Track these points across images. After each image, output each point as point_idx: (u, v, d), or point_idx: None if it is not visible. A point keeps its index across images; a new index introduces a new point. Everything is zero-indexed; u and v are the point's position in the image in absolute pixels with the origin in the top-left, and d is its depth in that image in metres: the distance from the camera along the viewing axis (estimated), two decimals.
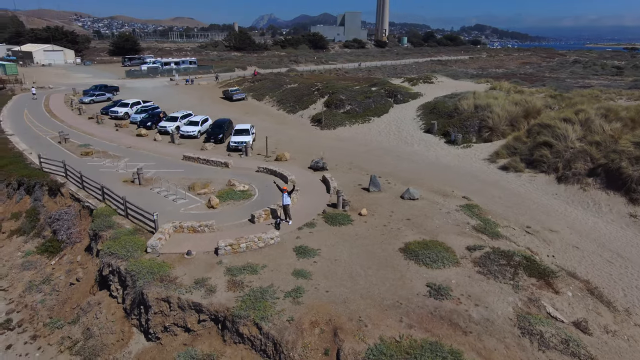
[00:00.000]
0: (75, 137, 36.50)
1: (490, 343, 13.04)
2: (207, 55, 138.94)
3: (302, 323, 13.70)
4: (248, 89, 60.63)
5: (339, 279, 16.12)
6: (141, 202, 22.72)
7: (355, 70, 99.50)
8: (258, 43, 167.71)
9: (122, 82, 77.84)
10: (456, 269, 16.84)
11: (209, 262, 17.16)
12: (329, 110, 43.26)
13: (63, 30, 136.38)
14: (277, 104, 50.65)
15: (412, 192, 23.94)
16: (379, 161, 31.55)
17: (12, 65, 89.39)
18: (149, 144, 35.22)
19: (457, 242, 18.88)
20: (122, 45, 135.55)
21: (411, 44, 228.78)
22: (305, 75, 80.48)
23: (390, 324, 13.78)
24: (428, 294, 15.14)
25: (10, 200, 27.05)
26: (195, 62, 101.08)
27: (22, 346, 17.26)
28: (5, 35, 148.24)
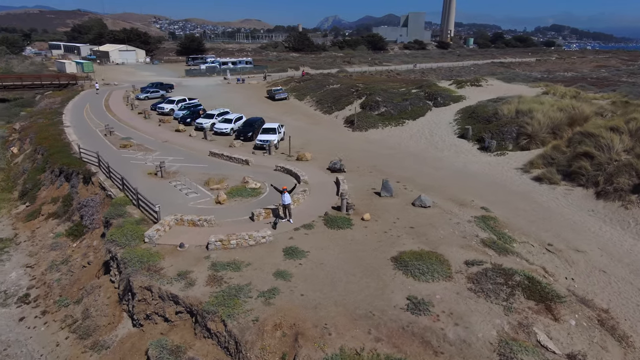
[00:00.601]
0: (120, 131, 39.22)
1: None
2: (267, 55, 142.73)
3: (266, 325, 13.57)
4: (292, 88, 61.42)
5: (319, 283, 15.77)
6: (157, 194, 23.89)
7: (408, 71, 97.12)
8: (317, 44, 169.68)
9: (180, 80, 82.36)
10: (446, 284, 15.77)
11: (198, 256, 17.58)
12: (364, 112, 42.58)
13: (137, 32, 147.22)
14: (315, 104, 50.81)
15: (423, 200, 22.82)
16: (401, 165, 30.47)
17: (89, 64, 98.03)
18: (184, 139, 36.90)
19: (456, 255, 17.68)
20: (188, 45, 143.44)
21: (477, 45, 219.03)
22: (354, 76, 79.98)
23: (356, 335, 13.22)
24: (405, 307, 14.33)
25: (52, 185, 29.67)
26: (251, 62, 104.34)
27: (32, 320, 18.83)
28: (90, 37, 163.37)
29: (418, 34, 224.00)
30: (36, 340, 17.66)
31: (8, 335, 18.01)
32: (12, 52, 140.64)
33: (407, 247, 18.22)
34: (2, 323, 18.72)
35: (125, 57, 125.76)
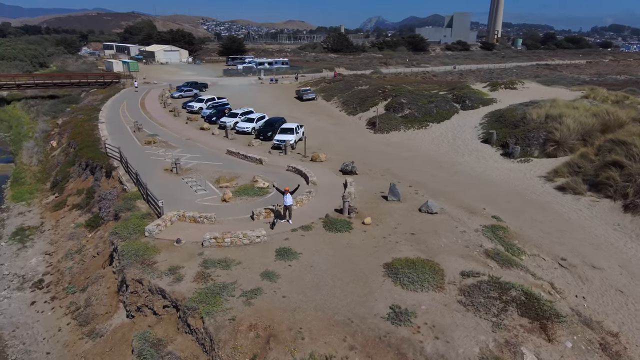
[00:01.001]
0: (149, 127, 40.80)
1: None
2: (305, 56, 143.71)
3: (241, 324, 13.58)
4: (322, 89, 61.42)
5: (304, 286, 15.59)
6: (168, 189, 24.65)
7: (445, 73, 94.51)
8: (355, 45, 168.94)
9: (217, 79, 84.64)
10: (435, 294, 15.12)
11: (192, 252, 17.90)
12: (387, 114, 41.82)
13: (182, 33, 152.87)
14: (341, 105, 50.51)
15: (430, 206, 22.05)
16: (417, 169, 29.62)
17: (134, 63, 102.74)
18: (206, 137, 37.83)
19: (453, 265, 16.92)
20: (229, 46, 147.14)
21: (525, 46, 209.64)
22: (388, 78, 78.89)
23: (330, 341, 12.95)
24: (386, 317, 13.86)
25: (79, 178, 31.33)
26: (287, 62, 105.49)
27: (42, 304, 19.94)
28: (139, 37, 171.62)
29: (463, 34, 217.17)
30: (42, 324, 18.67)
31: (18, 318, 19.17)
32: (69, 52, 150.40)
33: (403, 254, 17.64)
34: (15, 306, 19.96)
35: (169, 57, 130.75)
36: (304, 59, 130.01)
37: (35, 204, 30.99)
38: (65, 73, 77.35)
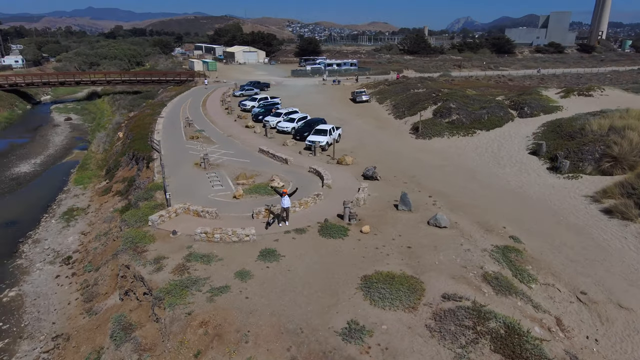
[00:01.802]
0: (200, 123, 43.24)
1: None
2: (379, 58, 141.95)
3: (194, 320, 13.80)
4: (379, 91, 60.18)
5: (271, 289, 15.39)
6: (189, 182, 25.94)
7: (524, 77, 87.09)
8: (434, 47, 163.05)
9: (283, 79, 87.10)
10: (403, 315, 14.02)
11: (183, 244, 18.58)
12: (433, 119, 39.68)
13: (262, 35, 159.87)
14: (392, 108, 49.00)
15: (438, 219, 20.49)
16: (445, 179, 27.69)
17: (213, 63, 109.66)
18: (247, 135, 39.08)
19: (438, 286, 15.55)
20: (305, 47, 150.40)
21: (634, 49, 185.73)
22: (456, 81, 75.00)
23: (273, 349, 12.65)
24: (340, 331, 13.16)
25: (126, 167, 34.23)
26: (355, 64, 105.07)
27: (63, 279, 22.12)
28: (225, 39, 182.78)
29: (559, 36, 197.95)
30: (58, 296, 20.71)
31: (42, 288, 21.48)
32: (163, 52, 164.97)
33: (388, 268, 16.62)
34: (43, 277, 22.39)
35: (248, 58, 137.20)
36: (377, 61, 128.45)
37: (89, 188, 34.50)
38: (148, 71, 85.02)
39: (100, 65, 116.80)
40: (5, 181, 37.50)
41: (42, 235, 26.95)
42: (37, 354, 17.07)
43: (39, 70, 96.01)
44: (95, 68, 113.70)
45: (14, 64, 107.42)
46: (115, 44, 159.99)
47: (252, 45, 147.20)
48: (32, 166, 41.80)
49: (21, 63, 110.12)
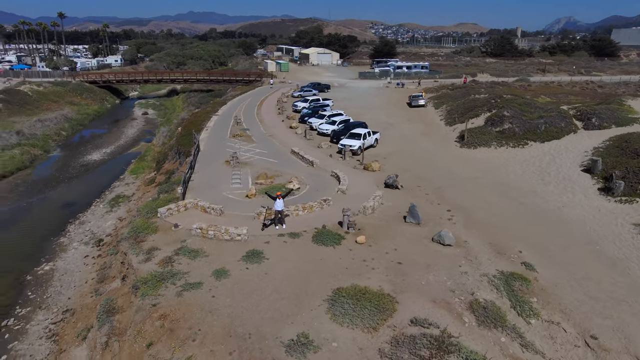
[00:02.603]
0: (249, 122, 44.83)
1: None
2: (458, 60, 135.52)
3: (156, 312, 14.33)
4: (439, 96, 57.38)
5: (240, 290, 15.44)
6: (212, 178, 27.10)
7: (618, 84, 76.85)
8: (521, 49, 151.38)
9: (348, 81, 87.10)
10: (360, 334, 13.21)
11: (179, 238, 19.40)
12: (484, 127, 36.76)
13: (337, 37, 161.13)
14: (445, 114, 46.35)
15: (442, 236, 18.98)
16: (473, 193, 25.50)
17: (286, 64, 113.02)
18: (287, 136, 39.63)
19: (413, 308, 14.42)
20: (380, 49, 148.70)
21: None
22: (533, 87, 68.99)
23: (216, 351, 12.69)
24: (286, 343, 12.77)
25: (172, 161, 36.62)
26: (427, 67, 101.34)
27: (90, 259, 24.32)
28: (304, 41, 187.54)
29: None
30: (80, 275, 22.82)
31: (71, 265, 23.82)
32: (246, 53, 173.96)
33: (367, 283, 15.78)
34: (75, 256, 24.82)
35: (321, 59, 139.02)
36: (454, 64, 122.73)
37: (140, 178, 37.52)
38: (221, 71, 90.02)
39: (187, 65, 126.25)
40: (77, 167, 42.26)
41: (88, 218, 29.89)
42: (47, 324, 18.98)
43: (132, 68, 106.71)
44: (182, 67, 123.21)
45: (113, 63, 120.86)
46: (203, 45, 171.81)
47: (328, 47, 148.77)
48: (102, 155, 46.63)
49: (120, 62, 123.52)
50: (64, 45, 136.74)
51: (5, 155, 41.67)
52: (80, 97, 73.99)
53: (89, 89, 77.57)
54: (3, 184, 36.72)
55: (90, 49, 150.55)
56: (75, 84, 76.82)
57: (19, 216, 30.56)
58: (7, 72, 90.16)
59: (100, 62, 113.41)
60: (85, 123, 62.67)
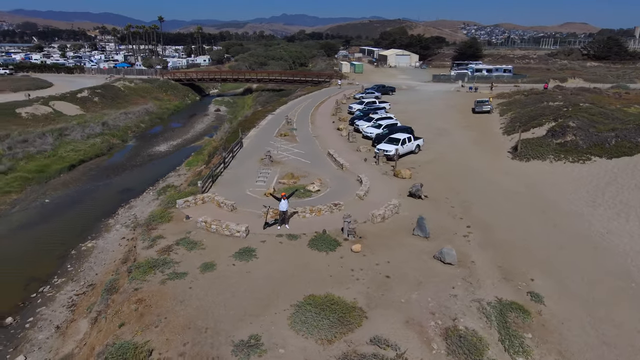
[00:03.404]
0: (300, 122, 45.62)
1: None
2: (552, 63, 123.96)
3: (135, 296, 15.32)
4: (510, 102, 52.98)
5: (217, 285, 15.92)
6: (240, 174, 28.22)
7: None
8: (632, 51, 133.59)
9: (419, 84, 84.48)
10: (313, 345, 12.87)
11: (186, 229, 20.47)
12: (543, 138, 33.07)
13: (419, 38, 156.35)
14: (508, 122, 42.54)
15: (444, 253, 17.60)
16: (504, 209, 23.12)
17: (360, 65, 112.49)
18: (332, 137, 39.53)
19: (379, 326, 13.67)
20: (464, 51, 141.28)
21: None
22: (630, 95, 60.64)
23: (172, 340, 13.25)
24: (235, 343, 12.87)
25: (219, 156, 38.61)
26: (510, 70, 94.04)
27: (125, 241, 26.53)
28: (386, 42, 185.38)
29: None
30: (113, 254, 25.10)
31: (109, 245, 26.30)
32: (327, 54, 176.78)
33: (342, 293, 15.29)
34: (115, 236, 27.33)
35: (399, 61, 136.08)
36: (546, 67, 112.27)
37: (191, 170, 40.15)
38: (292, 72, 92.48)
39: (268, 65, 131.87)
40: (144, 156, 46.50)
41: (136, 204, 32.76)
42: (71, 295, 21.25)
43: (216, 68, 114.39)
44: (263, 67, 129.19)
45: (202, 63, 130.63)
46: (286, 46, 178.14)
47: (408, 49, 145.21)
48: (168, 147, 50.73)
49: (207, 62, 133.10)
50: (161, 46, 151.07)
51: (88, 143, 47.37)
52: (165, 93, 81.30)
53: (173, 86, 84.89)
54: (80, 168, 41.74)
55: (185, 50, 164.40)
56: (162, 81, 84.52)
57: (83, 197, 34.53)
58: (111, 69, 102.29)
59: (189, 61, 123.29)
60: (164, 117, 68.63)
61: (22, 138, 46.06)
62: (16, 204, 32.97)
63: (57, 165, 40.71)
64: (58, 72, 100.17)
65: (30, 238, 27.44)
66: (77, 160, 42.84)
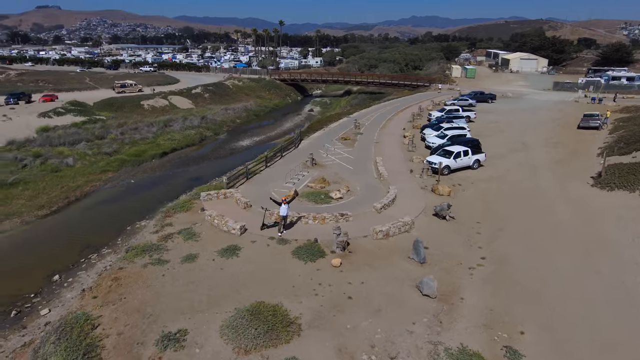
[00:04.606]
0: (372, 126, 44.75)
1: None
2: None
3: (115, 274, 17.06)
4: (629, 117, 44.09)
5: (186, 277, 16.78)
6: (276, 174, 28.91)
7: None
8: None
9: (530, 91, 76.07)
10: (228, 351, 12.87)
11: (194, 220, 21.90)
12: (636, 165, 26.78)
13: (552, 41, 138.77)
14: (611, 141, 35.29)
15: (423, 284, 15.74)
16: (537, 247, 19.35)
17: (472, 70, 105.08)
18: (392, 144, 37.82)
19: (306, 348, 12.98)
20: (610, 55, 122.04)
21: None
22: None
23: (119, 319, 14.52)
24: (164, 333, 13.48)
25: None
26: None
27: None
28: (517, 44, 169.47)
29: None
30: None
31: None
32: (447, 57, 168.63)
33: (290, 306, 14.81)
34: None
35: (524, 66, 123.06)
36: None
37: None
38: (391, 75, 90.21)
39: (377, 68, 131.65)
40: (226, 150, 50.57)
41: None
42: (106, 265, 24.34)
43: (325, 70, 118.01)
44: (373, 70, 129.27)
45: (314, 64, 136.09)
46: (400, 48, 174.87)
47: (538, 52, 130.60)
48: (251, 142, 54.29)
49: (319, 64, 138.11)
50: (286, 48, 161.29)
51: (184, 134, 53.34)
52: (268, 92, 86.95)
53: (277, 85, 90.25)
54: (171, 156, 47.18)
55: (302, 52, 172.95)
56: (268, 80, 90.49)
57: (160, 181, 39.05)
58: (231, 69, 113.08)
59: (301, 63, 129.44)
60: (261, 114, 73.50)
61: (134, 126, 54.06)
62: (109, 181, 38.84)
63: (152, 151, 46.79)
64: (189, 71, 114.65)
65: (105, 211, 32.02)
66: (170, 149, 48.59)
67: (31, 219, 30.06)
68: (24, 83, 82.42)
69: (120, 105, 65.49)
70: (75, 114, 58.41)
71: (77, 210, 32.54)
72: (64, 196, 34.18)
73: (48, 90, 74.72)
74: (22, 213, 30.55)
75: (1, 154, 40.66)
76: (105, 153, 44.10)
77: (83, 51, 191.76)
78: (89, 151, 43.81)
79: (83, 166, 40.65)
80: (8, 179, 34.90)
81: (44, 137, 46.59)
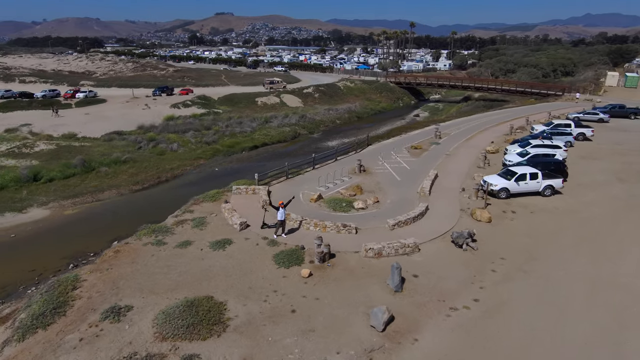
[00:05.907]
0: (454, 137, 41.11)
1: None
2: None
3: (121, 247, 19.45)
4: None
5: (170, 261, 18.24)
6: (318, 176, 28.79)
7: None
8: None
9: None
10: (150, 334, 13.67)
11: (213, 211, 23.41)
12: None
13: None
14: None
15: (373, 314, 14.23)
16: (553, 299, 15.44)
17: (634, 78, 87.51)
18: (466, 158, 34.01)
19: (211, 350, 13.14)
20: None
21: None
22: None
23: (96, 285, 16.60)
24: (115, 303, 15.03)
25: None
26: None
27: None
28: None
29: None
30: None
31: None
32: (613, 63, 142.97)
33: (234, 306, 15.06)
34: None
35: None
36: None
37: None
38: (515, 81, 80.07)
39: (515, 73, 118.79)
40: (312, 148, 51.55)
41: None
42: None
43: (450, 74, 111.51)
44: (509, 75, 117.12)
45: (441, 67, 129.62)
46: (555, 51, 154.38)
47: None
48: (338, 143, 54.53)
49: (448, 67, 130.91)
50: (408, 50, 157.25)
51: (278, 130, 56.76)
52: (379, 94, 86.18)
53: (390, 88, 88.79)
54: (260, 150, 50.69)
55: (434, 54, 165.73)
56: (382, 83, 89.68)
57: (237, 171, 41.93)
58: (353, 70, 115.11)
59: (427, 65, 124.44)
60: (363, 117, 73.40)
61: (239, 120, 59.62)
62: (198, 167, 43.77)
63: (244, 144, 51.07)
64: (315, 71, 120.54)
65: (180, 192, 35.79)
66: (261, 143, 52.30)
67: (125, 192, 35.88)
68: (173, 79, 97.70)
69: (238, 101, 72.71)
70: (199, 106, 67.06)
71: (162, 189, 37.46)
72: (157, 176, 39.82)
73: (190, 85, 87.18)
74: (121, 186, 36.70)
75: (128, 136, 49.24)
76: (205, 142, 49.73)
77: (239, 52, 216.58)
78: (193, 139, 49.97)
79: (184, 152, 46.58)
80: (122, 157, 42.21)
81: (164, 124, 54.79)
